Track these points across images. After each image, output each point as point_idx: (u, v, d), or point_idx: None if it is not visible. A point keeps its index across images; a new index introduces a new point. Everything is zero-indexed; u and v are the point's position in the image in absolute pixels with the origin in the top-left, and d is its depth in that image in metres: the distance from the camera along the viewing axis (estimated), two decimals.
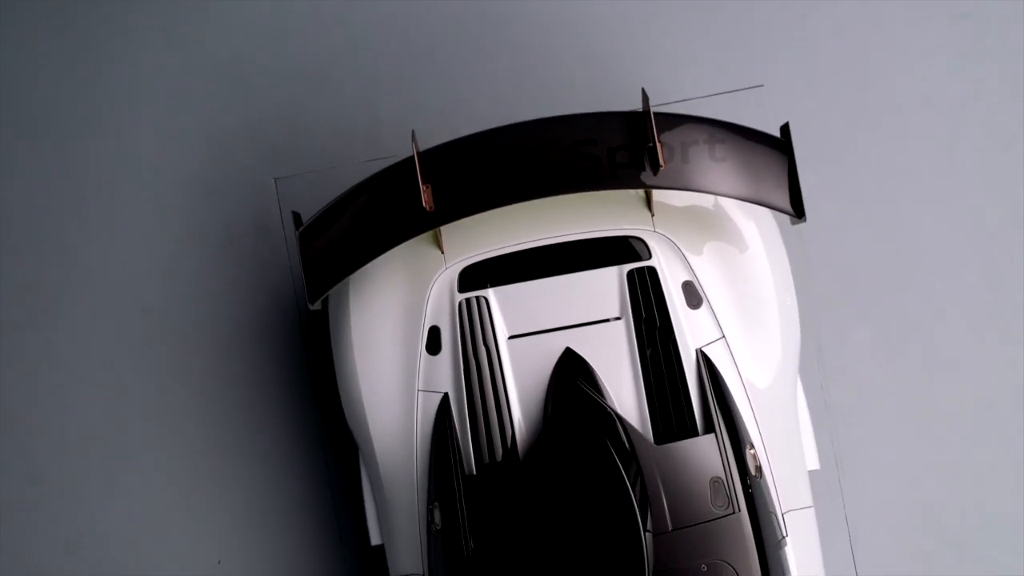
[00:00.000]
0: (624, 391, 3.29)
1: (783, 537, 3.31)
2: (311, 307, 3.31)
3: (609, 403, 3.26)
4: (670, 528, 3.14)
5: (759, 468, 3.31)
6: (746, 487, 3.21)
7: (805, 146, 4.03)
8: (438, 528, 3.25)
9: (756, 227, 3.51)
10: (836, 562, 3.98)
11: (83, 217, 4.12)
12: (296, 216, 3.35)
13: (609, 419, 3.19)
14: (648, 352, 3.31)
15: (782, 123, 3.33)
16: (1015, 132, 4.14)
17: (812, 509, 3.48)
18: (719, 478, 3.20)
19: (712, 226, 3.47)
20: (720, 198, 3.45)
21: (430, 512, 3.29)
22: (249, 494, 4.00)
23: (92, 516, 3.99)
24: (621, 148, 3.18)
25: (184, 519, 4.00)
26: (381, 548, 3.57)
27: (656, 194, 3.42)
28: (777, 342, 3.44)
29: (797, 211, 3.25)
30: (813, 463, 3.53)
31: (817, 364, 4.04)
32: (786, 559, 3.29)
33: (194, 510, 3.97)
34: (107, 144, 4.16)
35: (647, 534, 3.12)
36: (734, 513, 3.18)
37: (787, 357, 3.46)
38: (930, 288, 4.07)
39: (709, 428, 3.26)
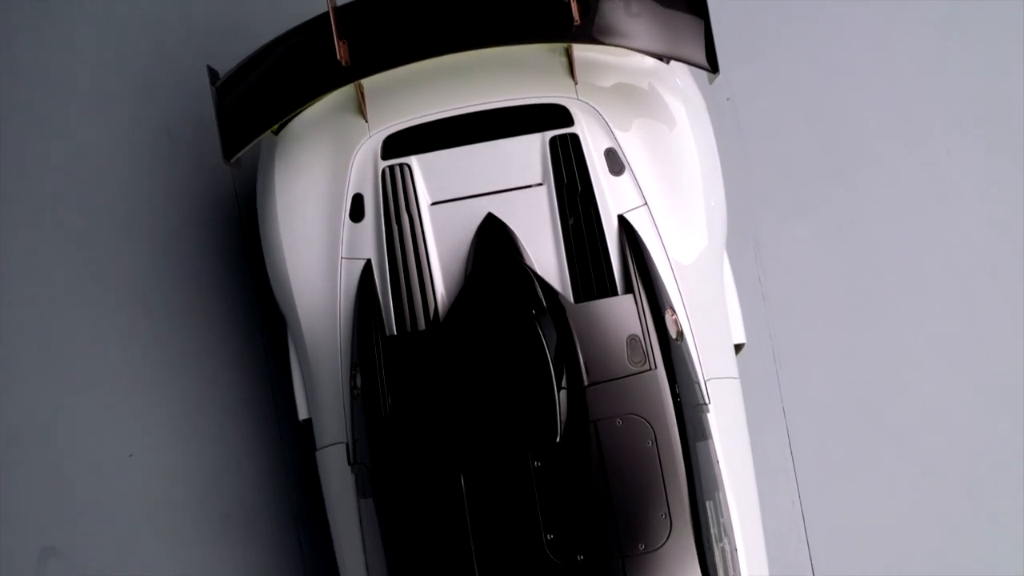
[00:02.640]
0: (545, 254, 3.30)
1: (705, 403, 3.31)
2: (226, 164, 3.31)
3: (529, 264, 3.27)
4: (586, 383, 3.15)
5: (680, 333, 3.31)
6: (665, 348, 3.21)
7: (740, 41, 4.06)
8: (359, 391, 3.25)
9: (684, 107, 3.52)
10: (773, 452, 3.98)
11: (22, 111, 4.14)
12: (212, 71, 3.37)
13: (527, 278, 3.19)
14: (569, 218, 3.32)
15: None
16: (952, 22, 4.15)
17: (737, 381, 3.48)
18: (636, 336, 3.21)
19: (641, 103, 3.48)
20: (652, 80, 3.47)
21: (352, 378, 3.30)
22: (187, 387, 4.00)
23: (32, 409, 3.99)
24: (537, 3, 3.20)
25: (121, 412, 4.00)
26: (310, 425, 3.58)
27: (583, 70, 3.44)
28: (701, 217, 3.45)
29: (712, 66, 3.26)
30: (739, 337, 3.53)
31: (755, 258, 4.04)
32: (707, 424, 3.29)
33: (131, 402, 3.98)
34: (48, 40, 4.18)
35: (561, 391, 3.12)
36: (650, 370, 3.18)
37: (713, 233, 3.47)
38: (869, 181, 4.08)
39: (628, 289, 3.26)
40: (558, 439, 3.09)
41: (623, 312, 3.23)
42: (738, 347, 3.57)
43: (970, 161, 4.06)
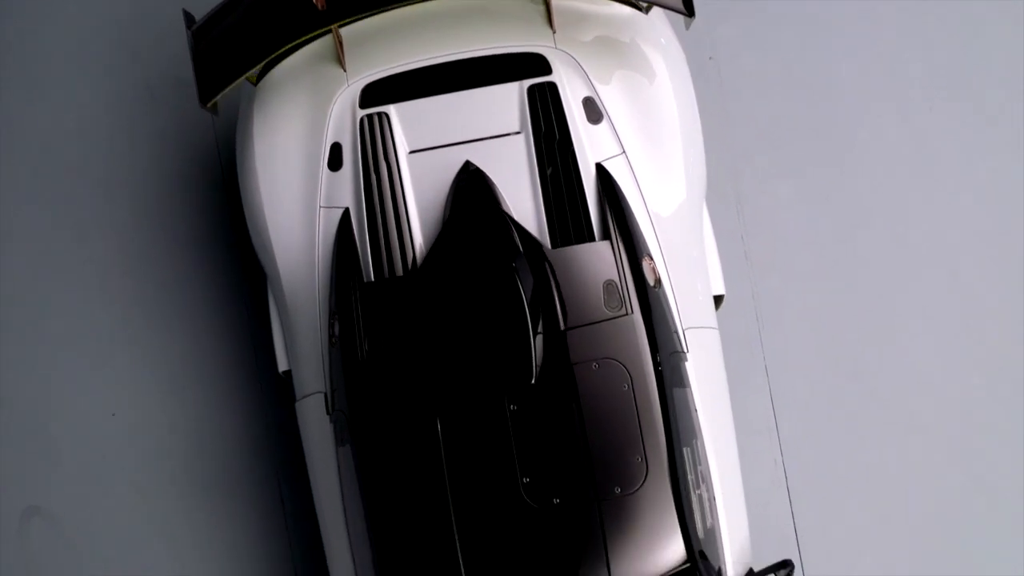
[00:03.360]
0: (522, 201, 3.30)
1: (682, 351, 3.30)
2: (204, 107, 3.31)
3: (506, 210, 3.26)
4: (563, 327, 3.14)
5: (658, 280, 3.31)
6: (642, 294, 3.20)
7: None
8: (336, 339, 3.25)
9: (664, 61, 3.52)
10: (756, 412, 3.97)
11: (3, 72, 4.14)
12: (188, 16, 3.37)
13: (504, 223, 3.19)
14: (547, 164, 3.32)
15: None
16: None
17: (716, 332, 3.47)
18: (613, 281, 3.20)
19: (621, 55, 3.47)
20: (633, 33, 3.47)
21: (331, 326, 3.29)
22: (170, 345, 4.00)
23: (15, 369, 3.99)
24: None
25: (104, 371, 4.00)
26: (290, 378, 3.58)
27: (562, 19, 3.43)
28: (680, 170, 3.44)
29: (688, 9, 3.25)
30: (719, 288, 3.53)
31: (738, 217, 4.04)
32: (685, 372, 3.28)
33: (114, 361, 3.97)
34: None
35: (538, 336, 3.12)
36: (627, 315, 3.18)
37: (692, 186, 3.47)
38: (853, 139, 4.07)
39: (605, 236, 3.26)
40: (533, 382, 3.08)
41: (600, 258, 3.23)
42: (718, 300, 3.56)
43: (954, 116, 4.05)
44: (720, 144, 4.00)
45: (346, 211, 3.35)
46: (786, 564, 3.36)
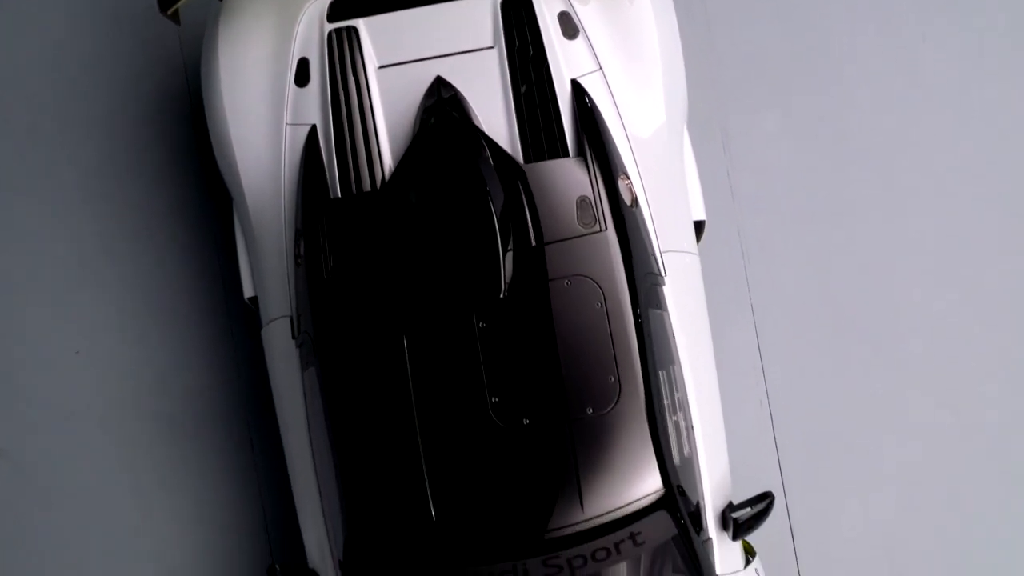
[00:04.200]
0: (495, 117, 3.19)
1: (659, 273, 3.19)
2: (164, 15, 3.20)
3: (477, 125, 3.16)
4: (533, 243, 3.03)
5: (635, 200, 3.20)
6: (617, 212, 3.09)
7: None
8: (302, 259, 3.14)
9: None
10: (741, 352, 3.86)
11: None
12: None
13: (475, 137, 3.08)
14: (520, 81, 3.21)
15: None
16: None
17: (696, 258, 3.36)
18: (586, 197, 3.09)
19: None
20: None
21: (296, 246, 3.19)
22: (135, 281, 3.89)
23: None
24: None
25: (68, 308, 3.89)
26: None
27: None
28: (659, 92, 3.33)
29: None
30: (699, 214, 3.42)
31: (723, 152, 3.93)
32: (662, 295, 3.17)
33: (78, 298, 3.87)
34: None
35: (508, 253, 3.01)
36: (600, 231, 3.07)
37: (672, 110, 3.36)
38: (841, 70, 3.96)
39: (580, 152, 3.15)
40: (502, 296, 2.97)
41: (573, 173, 3.12)
42: (699, 226, 3.45)
43: (946, 46, 3.93)
44: (704, 76, 3.89)
45: (313, 128, 3.24)
46: (766, 496, 3.25)
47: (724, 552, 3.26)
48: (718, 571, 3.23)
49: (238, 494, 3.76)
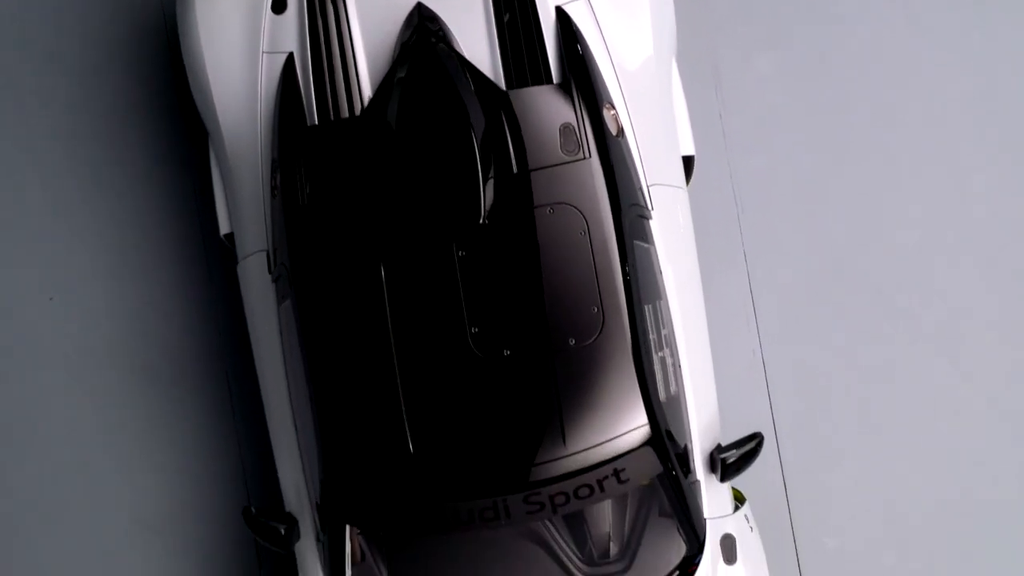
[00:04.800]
0: (477, 44, 3.10)
1: (645, 206, 3.09)
2: None
3: (459, 51, 3.06)
4: (515, 170, 2.93)
5: (621, 130, 3.10)
6: (601, 140, 2.99)
7: None
8: (278, 189, 3.05)
9: None
10: (733, 298, 3.76)
11: None
12: None
13: (456, 63, 2.98)
14: (504, 8, 3.11)
15: None
16: None
17: (684, 192, 3.27)
18: (570, 124, 2.99)
19: None
20: None
21: (273, 177, 3.09)
22: (110, 225, 3.79)
23: None
24: None
25: (42, 253, 3.79)
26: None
27: None
28: (647, 25, 3.25)
29: None
30: (688, 148, 3.33)
31: (715, 94, 3.83)
32: (648, 228, 3.07)
33: (52, 243, 3.76)
34: None
35: (489, 180, 2.92)
36: (584, 159, 2.97)
37: (660, 44, 3.27)
38: (839, 8, 3.84)
39: (564, 79, 3.06)
40: (482, 223, 2.87)
41: (556, 100, 3.02)
42: (688, 163, 3.35)
43: None
44: (696, 14, 3.79)
45: (290, 56, 3.15)
46: (755, 436, 3.15)
47: (712, 495, 3.17)
48: (706, 514, 3.14)
49: (215, 442, 3.67)
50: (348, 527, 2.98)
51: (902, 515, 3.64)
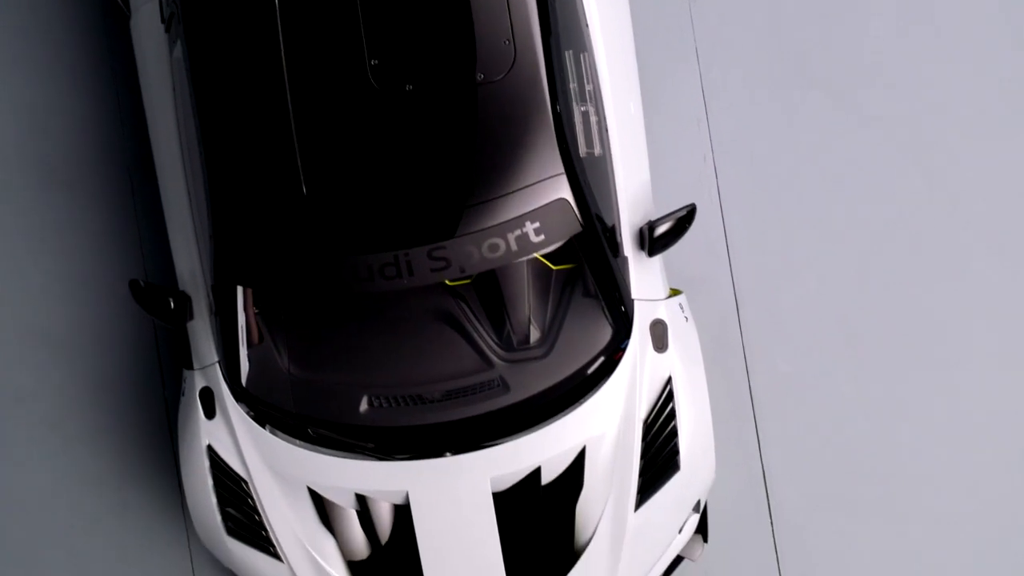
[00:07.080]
0: None
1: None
2: None
3: None
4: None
5: None
6: None
7: None
8: None
9: None
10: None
11: None
12: None
13: None
14: None
15: None
16: None
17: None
18: None
19: None
20: None
21: None
22: (15, 31, 3.51)
23: None
24: None
25: None
26: None
27: None
28: None
29: None
30: None
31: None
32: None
33: None
34: None
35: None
36: None
37: None
38: None
39: None
40: None
41: None
42: None
43: None
44: None
45: None
46: (687, 207, 2.90)
47: (642, 275, 2.91)
48: (634, 294, 2.88)
49: (117, 246, 3.42)
50: (240, 289, 2.74)
51: (858, 326, 3.39)
